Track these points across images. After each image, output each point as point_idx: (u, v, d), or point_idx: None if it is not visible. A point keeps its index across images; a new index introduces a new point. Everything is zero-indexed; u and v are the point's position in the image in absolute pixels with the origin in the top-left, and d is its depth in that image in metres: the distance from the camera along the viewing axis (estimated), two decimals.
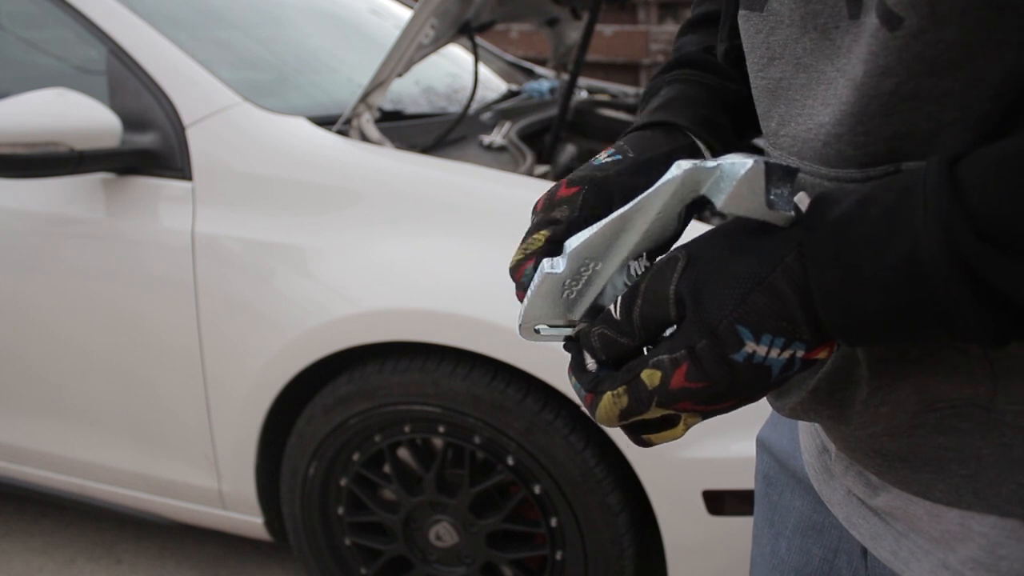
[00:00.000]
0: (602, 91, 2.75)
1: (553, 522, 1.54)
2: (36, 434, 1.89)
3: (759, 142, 0.58)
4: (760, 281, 0.42)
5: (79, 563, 2.10)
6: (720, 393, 0.44)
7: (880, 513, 0.55)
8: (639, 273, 0.49)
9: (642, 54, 5.08)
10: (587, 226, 0.49)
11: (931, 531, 0.50)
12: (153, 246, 1.66)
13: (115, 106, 1.69)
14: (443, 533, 1.65)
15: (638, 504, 1.52)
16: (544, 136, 2.20)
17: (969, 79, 0.40)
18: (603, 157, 0.57)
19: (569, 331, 0.51)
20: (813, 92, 0.47)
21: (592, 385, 0.47)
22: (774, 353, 0.42)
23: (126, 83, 1.70)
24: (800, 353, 0.42)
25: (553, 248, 0.53)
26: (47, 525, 2.25)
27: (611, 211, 0.48)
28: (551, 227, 0.54)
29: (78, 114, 1.60)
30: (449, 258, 1.52)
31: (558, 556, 1.56)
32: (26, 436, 1.91)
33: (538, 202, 0.57)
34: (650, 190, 0.46)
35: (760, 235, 0.43)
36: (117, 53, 1.72)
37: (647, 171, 0.55)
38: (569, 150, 2.23)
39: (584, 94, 2.62)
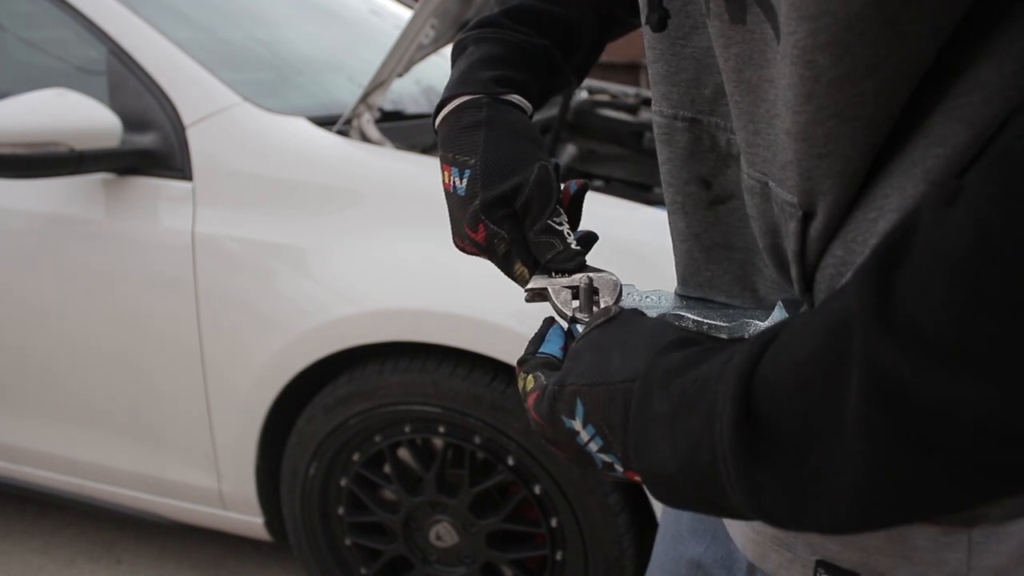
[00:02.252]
0: (602, 91, 2.75)
1: (553, 522, 1.54)
2: (36, 434, 1.89)
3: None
4: (612, 382, 0.43)
5: (79, 563, 2.10)
6: (549, 439, 0.47)
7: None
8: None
9: (642, 54, 5.08)
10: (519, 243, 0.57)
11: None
12: (153, 246, 1.66)
13: (115, 106, 1.69)
14: (443, 533, 1.64)
15: (638, 504, 1.52)
16: (544, 136, 2.20)
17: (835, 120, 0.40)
18: (461, 183, 0.58)
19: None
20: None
21: (521, 359, 0.52)
22: (594, 447, 0.44)
23: (126, 83, 1.70)
24: (619, 467, 0.44)
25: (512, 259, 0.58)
26: (47, 525, 2.25)
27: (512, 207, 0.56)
28: (506, 259, 0.58)
29: (78, 114, 1.60)
30: (449, 258, 1.51)
31: (558, 556, 1.56)
32: (26, 436, 1.91)
33: (470, 252, 0.60)
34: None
35: (651, 342, 0.44)
36: (117, 53, 1.72)
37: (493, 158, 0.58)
38: (569, 150, 2.23)
39: (584, 94, 2.62)
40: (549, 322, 0.55)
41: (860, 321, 0.32)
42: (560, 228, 0.56)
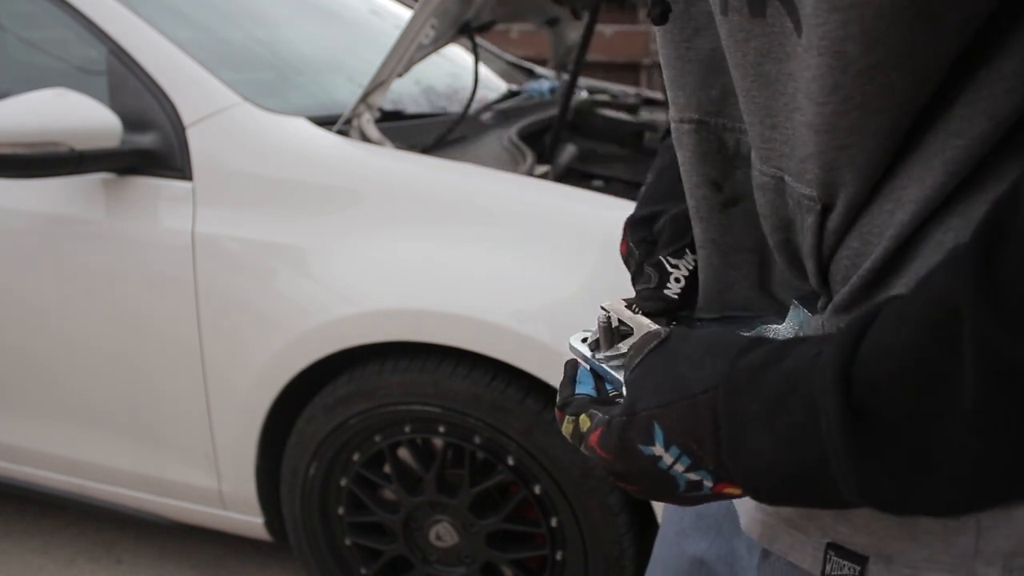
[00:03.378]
0: (602, 91, 2.75)
1: (553, 522, 1.54)
2: (36, 434, 1.89)
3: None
4: (690, 395, 0.43)
5: (79, 563, 2.10)
6: (621, 473, 0.46)
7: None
8: None
9: (642, 54, 5.08)
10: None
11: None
12: (153, 246, 1.66)
13: (115, 106, 1.69)
14: (443, 533, 1.64)
15: (638, 504, 1.52)
16: (544, 136, 2.20)
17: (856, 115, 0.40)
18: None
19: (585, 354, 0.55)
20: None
21: (560, 404, 0.51)
22: (679, 468, 0.43)
23: (126, 83, 1.70)
24: (708, 483, 0.43)
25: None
26: (47, 525, 2.25)
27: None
28: (633, 278, 0.59)
29: (78, 114, 1.60)
30: (449, 258, 1.52)
31: (558, 556, 1.56)
32: (26, 436, 1.91)
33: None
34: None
35: (716, 354, 0.44)
36: (117, 53, 1.72)
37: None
38: (569, 150, 2.23)
39: (584, 94, 2.62)
40: (573, 364, 0.55)
41: (970, 306, 0.33)
42: (670, 270, 0.56)
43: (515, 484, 1.57)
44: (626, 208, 1.52)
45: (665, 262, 0.56)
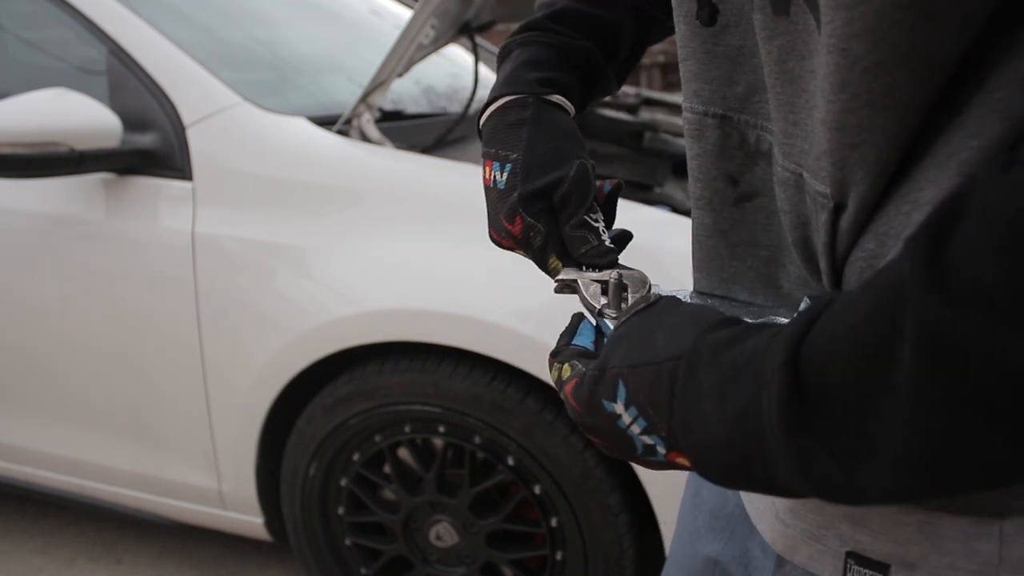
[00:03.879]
0: None
1: (553, 522, 1.54)
2: (36, 434, 1.89)
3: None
4: (656, 362, 0.43)
5: (79, 563, 2.10)
6: (588, 427, 0.47)
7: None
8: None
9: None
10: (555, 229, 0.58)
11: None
12: (153, 246, 1.66)
13: (115, 106, 1.69)
14: (443, 533, 1.64)
15: (638, 505, 1.52)
16: None
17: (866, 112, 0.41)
18: (501, 177, 0.60)
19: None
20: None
21: (554, 351, 0.53)
22: (635, 429, 0.44)
23: (126, 83, 1.70)
24: (661, 449, 0.44)
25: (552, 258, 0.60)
26: (47, 525, 2.25)
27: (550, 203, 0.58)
28: (540, 252, 0.60)
29: (78, 114, 1.60)
30: (449, 258, 1.52)
31: (558, 556, 1.56)
32: (26, 436, 1.91)
33: (505, 245, 0.62)
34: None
35: (691, 327, 0.44)
36: (117, 53, 1.72)
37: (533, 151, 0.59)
38: None
39: None
40: (579, 317, 0.56)
41: (912, 283, 0.33)
42: (596, 225, 0.58)
43: (515, 484, 1.57)
44: (626, 208, 1.52)
45: (589, 219, 0.57)
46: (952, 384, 0.32)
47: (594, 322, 0.55)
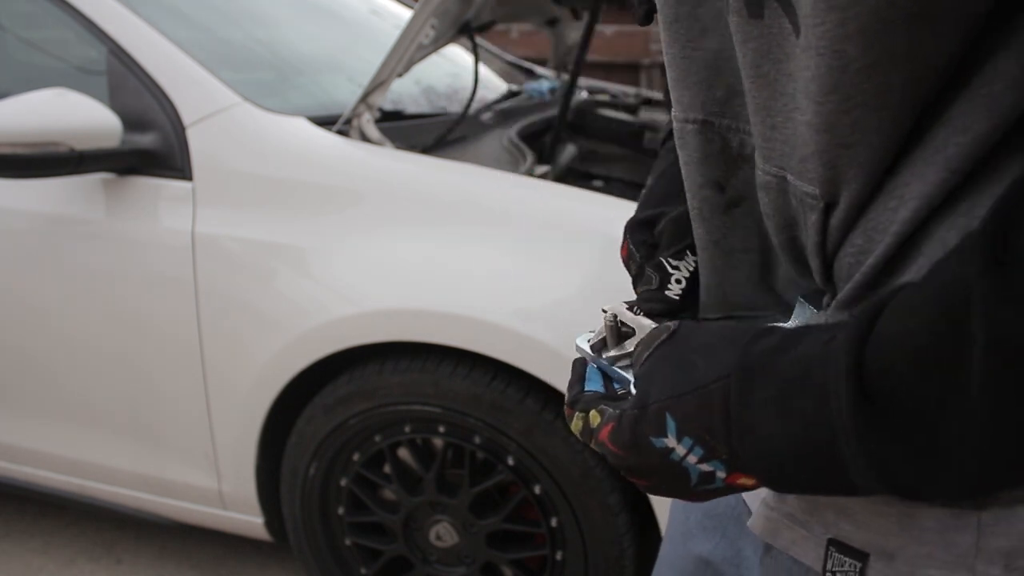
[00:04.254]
0: (602, 91, 2.74)
1: (553, 522, 1.54)
2: (36, 434, 1.89)
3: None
4: (702, 385, 0.43)
5: (79, 563, 2.10)
6: (633, 468, 0.46)
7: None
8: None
9: (642, 54, 5.08)
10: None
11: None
12: (153, 246, 1.66)
13: (115, 106, 1.69)
14: (443, 533, 1.64)
15: (638, 504, 1.52)
16: (544, 136, 2.20)
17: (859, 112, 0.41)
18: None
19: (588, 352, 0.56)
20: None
21: (570, 401, 0.52)
22: (692, 459, 0.43)
23: (126, 83, 1.70)
24: (721, 473, 0.43)
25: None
26: (47, 525, 2.25)
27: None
28: (634, 280, 0.59)
29: (78, 114, 1.60)
30: (449, 258, 1.52)
31: (558, 556, 1.56)
32: (26, 436, 1.91)
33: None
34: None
35: (728, 343, 0.44)
36: (117, 53, 1.72)
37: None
38: (569, 150, 2.23)
39: (584, 94, 2.62)
40: (582, 364, 0.55)
41: (979, 289, 0.33)
42: (671, 271, 0.56)
43: (515, 484, 1.57)
44: (626, 208, 1.52)
45: (666, 263, 0.56)
46: (1022, 390, 0.32)
47: (596, 366, 0.54)
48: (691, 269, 0.57)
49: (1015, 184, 0.34)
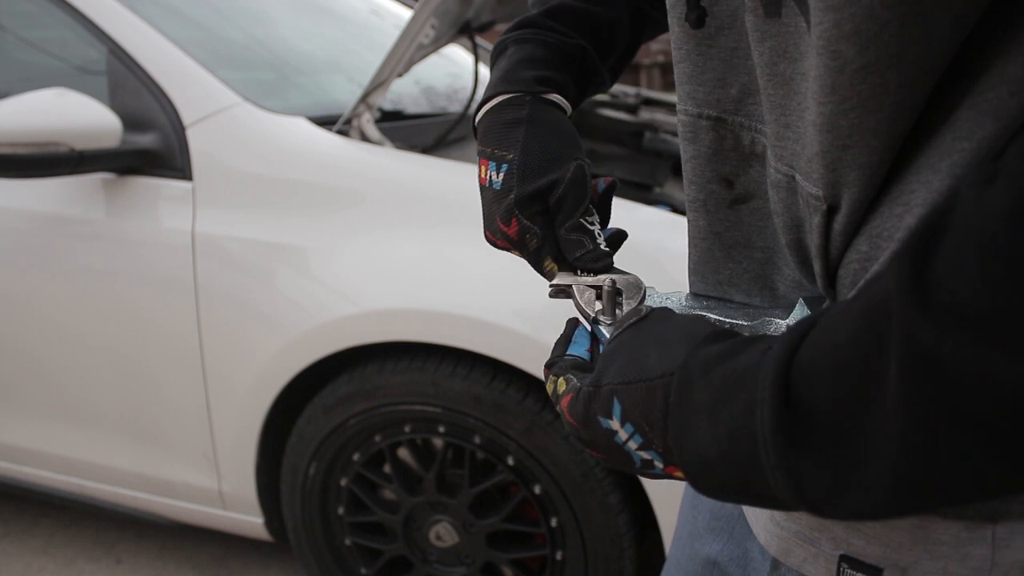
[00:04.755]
0: None
1: (553, 522, 1.54)
2: (36, 434, 1.89)
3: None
4: (649, 378, 0.43)
5: (79, 563, 2.10)
6: (584, 441, 0.47)
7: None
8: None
9: (642, 54, 5.08)
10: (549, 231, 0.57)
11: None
12: (153, 246, 1.66)
13: (115, 106, 1.69)
14: (443, 533, 1.64)
15: (638, 504, 1.52)
16: None
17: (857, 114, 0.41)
18: (497, 177, 0.59)
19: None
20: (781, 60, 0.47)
21: (549, 362, 0.52)
22: (632, 445, 0.44)
23: (126, 83, 1.70)
24: (659, 464, 0.44)
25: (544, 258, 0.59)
26: (47, 525, 2.25)
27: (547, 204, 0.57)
28: (536, 255, 0.59)
29: (78, 114, 1.60)
30: (449, 258, 1.52)
31: (558, 556, 1.56)
32: (27, 436, 1.91)
33: (501, 246, 0.60)
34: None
35: (683, 341, 0.44)
36: (117, 53, 1.72)
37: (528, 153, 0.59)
38: None
39: None
40: (574, 323, 0.56)
41: (897, 301, 0.33)
42: (591, 228, 0.57)
43: (515, 484, 1.57)
44: (626, 208, 1.53)
45: (584, 223, 0.57)
46: (938, 401, 0.32)
47: (589, 328, 0.55)
48: (597, 221, 0.58)
49: (942, 201, 0.34)
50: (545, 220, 0.58)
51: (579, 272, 0.57)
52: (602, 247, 0.57)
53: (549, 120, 0.61)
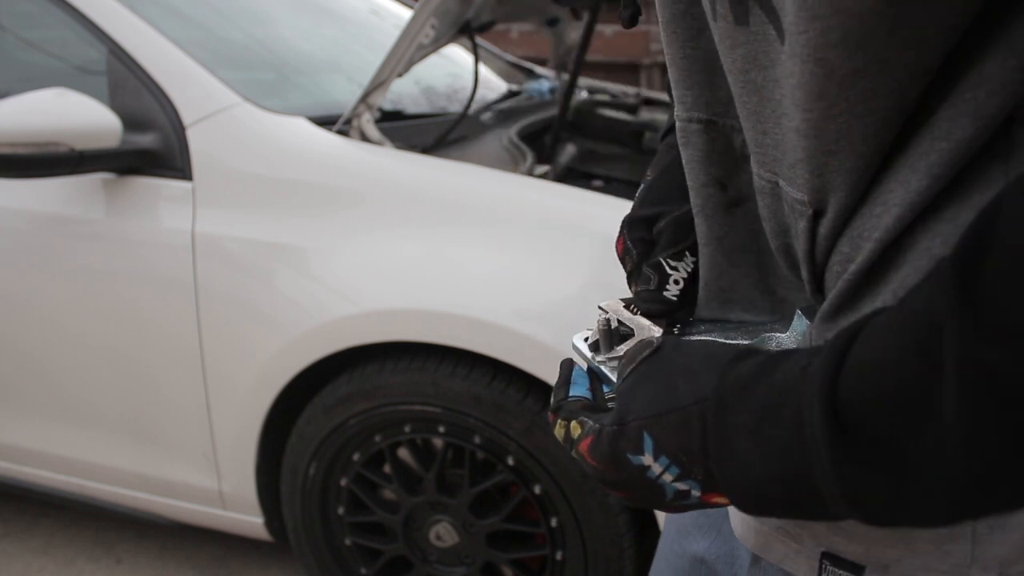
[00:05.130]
0: (602, 91, 2.74)
1: (553, 522, 1.54)
2: (36, 434, 1.89)
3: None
4: (681, 406, 0.43)
5: (79, 563, 2.10)
6: (610, 482, 0.46)
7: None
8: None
9: (642, 54, 5.08)
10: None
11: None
12: (153, 246, 1.66)
13: (115, 106, 1.69)
14: (443, 533, 1.64)
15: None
16: (544, 136, 2.20)
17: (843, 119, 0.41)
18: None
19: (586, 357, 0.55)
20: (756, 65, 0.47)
21: (554, 407, 0.51)
22: (667, 477, 0.43)
23: (126, 83, 1.70)
24: (696, 492, 0.43)
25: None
26: (47, 525, 2.25)
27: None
28: (630, 277, 0.59)
29: (78, 114, 1.60)
30: (449, 258, 1.52)
31: (558, 556, 1.56)
32: (26, 436, 1.91)
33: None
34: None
35: (709, 365, 0.44)
36: (117, 53, 1.72)
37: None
38: (569, 150, 2.23)
39: (584, 94, 2.62)
40: (569, 364, 0.55)
41: (950, 320, 0.33)
42: (670, 272, 0.55)
43: (515, 484, 1.57)
44: (626, 208, 1.52)
45: (665, 264, 0.56)
46: (997, 414, 0.32)
47: (585, 367, 0.54)
48: (689, 270, 0.56)
49: (987, 208, 0.34)
50: (645, 248, 0.58)
51: (633, 308, 0.55)
52: (668, 295, 0.55)
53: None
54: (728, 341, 0.51)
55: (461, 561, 1.66)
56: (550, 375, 1.43)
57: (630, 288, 0.58)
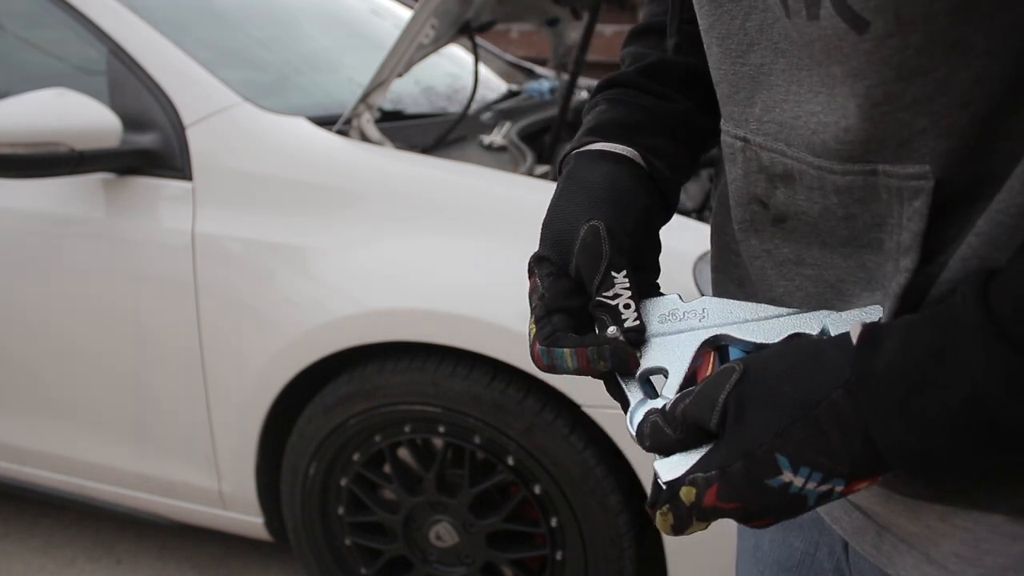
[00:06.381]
0: None
1: (553, 522, 1.54)
2: (36, 434, 1.89)
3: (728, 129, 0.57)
4: (805, 414, 0.42)
5: (79, 563, 2.10)
6: (753, 514, 0.45)
7: (860, 507, 0.55)
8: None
9: None
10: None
11: (911, 526, 0.50)
12: (153, 246, 1.66)
13: (115, 106, 1.69)
14: (443, 533, 1.64)
15: (638, 504, 1.52)
16: (544, 136, 2.20)
17: (936, 86, 0.40)
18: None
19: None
20: (797, 78, 0.46)
21: (650, 502, 0.48)
22: (811, 485, 0.42)
23: (126, 83, 1.70)
24: (839, 488, 0.43)
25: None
26: (47, 525, 2.25)
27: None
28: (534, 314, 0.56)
29: (78, 114, 1.60)
30: (449, 258, 1.52)
31: (558, 556, 1.56)
32: (26, 436, 1.91)
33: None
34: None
35: (814, 362, 0.43)
36: (117, 53, 1.72)
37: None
38: None
39: (584, 94, 2.62)
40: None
41: None
42: (613, 302, 0.52)
43: (515, 484, 1.57)
44: None
45: (604, 299, 0.52)
46: None
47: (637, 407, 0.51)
48: (626, 287, 0.52)
49: None
50: (553, 283, 0.54)
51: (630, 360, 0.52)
52: (629, 322, 0.52)
53: (580, 176, 0.58)
54: (781, 337, 0.49)
55: (461, 561, 1.66)
56: (550, 376, 1.43)
57: (540, 333, 0.54)
